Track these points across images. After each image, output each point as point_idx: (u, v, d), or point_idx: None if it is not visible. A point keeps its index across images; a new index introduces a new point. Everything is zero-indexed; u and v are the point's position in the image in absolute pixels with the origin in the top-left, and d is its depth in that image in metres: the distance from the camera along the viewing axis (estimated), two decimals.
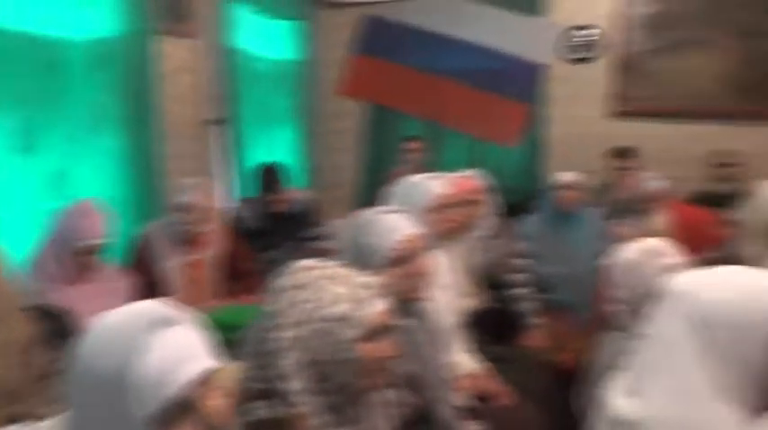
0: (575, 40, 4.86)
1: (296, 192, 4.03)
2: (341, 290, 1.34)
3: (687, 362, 1.24)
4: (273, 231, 3.75)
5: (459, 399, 2.05)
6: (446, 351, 2.07)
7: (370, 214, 1.92)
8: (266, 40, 4.88)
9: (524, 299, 3.22)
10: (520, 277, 3.27)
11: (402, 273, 1.81)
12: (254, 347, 1.37)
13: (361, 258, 1.79)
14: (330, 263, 1.43)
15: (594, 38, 4.84)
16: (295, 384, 1.30)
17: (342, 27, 5.22)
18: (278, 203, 3.84)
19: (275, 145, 4.94)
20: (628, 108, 4.81)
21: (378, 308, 1.36)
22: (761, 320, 1.19)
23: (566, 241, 3.34)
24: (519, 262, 3.30)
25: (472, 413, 2.08)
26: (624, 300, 1.96)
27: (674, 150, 4.47)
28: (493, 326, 2.74)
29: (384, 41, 5.13)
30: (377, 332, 1.35)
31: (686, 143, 4.58)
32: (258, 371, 1.34)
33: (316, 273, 1.38)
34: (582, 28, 4.85)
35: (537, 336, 3.10)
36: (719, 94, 4.69)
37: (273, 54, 4.98)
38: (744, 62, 4.65)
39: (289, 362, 1.31)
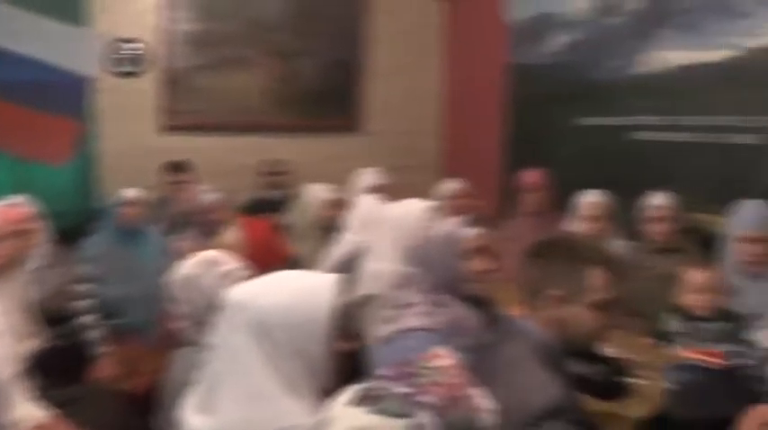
0: (121, 52, 4.75)
1: None
2: None
3: (253, 367, 1.31)
4: None
5: None
6: (8, 407, 1.85)
7: None
8: None
9: (90, 327, 3.05)
10: (83, 304, 3.09)
11: None
12: None
13: None
14: None
15: (140, 52, 4.79)
16: None
17: None
18: None
19: None
20: (177, 122, 4.88)
21: None
22: (312, 316, 1.33)
23: (131, 259, 3.29)
24: (81, 288, 3.12)
25: None
26: (187, 315, 1.95)
27: (225, 162, 4.72)
28: (56, 366, 2.52)
29: None
30: None
31: (235, 155, 4.87)
32: None
33: None
34: (127, 41, 4.76)
35: (106, 366, 2.96)
36: (262, 108, 5.12)
37: None
38: (280, 79, 5.16)
39: None
